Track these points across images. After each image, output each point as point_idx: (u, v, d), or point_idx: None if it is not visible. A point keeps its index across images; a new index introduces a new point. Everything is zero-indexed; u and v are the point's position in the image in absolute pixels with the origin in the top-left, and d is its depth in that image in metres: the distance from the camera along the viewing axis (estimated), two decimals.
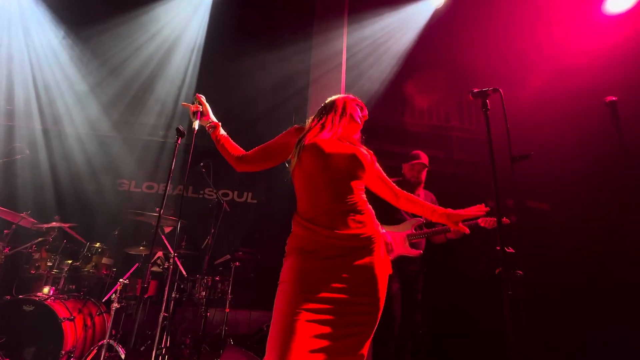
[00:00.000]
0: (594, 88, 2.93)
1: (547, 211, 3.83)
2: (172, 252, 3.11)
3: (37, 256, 2.92)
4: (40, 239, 2.96)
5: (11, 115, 4.34)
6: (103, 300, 3.06)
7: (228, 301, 3.23)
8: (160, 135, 4.72)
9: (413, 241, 2.38)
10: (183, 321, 3.43)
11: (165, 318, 2.90)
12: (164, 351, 2.77)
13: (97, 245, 3.11)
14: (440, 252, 2.98)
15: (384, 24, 4.65)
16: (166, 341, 2.93)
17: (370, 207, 1.47)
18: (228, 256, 3.43)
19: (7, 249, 2.81)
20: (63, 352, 2.48)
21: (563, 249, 3.46)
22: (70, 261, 3.00)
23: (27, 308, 2.54)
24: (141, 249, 3.19)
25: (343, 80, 4.17)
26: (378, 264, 1.38)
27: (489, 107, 1.64)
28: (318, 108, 1.67)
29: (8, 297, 2.60)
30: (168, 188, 2.27)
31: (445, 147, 5.19)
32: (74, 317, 2.66)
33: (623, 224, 3.00)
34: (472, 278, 3.85)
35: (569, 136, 3.54)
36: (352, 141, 1.56)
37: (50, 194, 4.17)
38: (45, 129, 4.41)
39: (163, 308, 2.94)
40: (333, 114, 1.55)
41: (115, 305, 2.65)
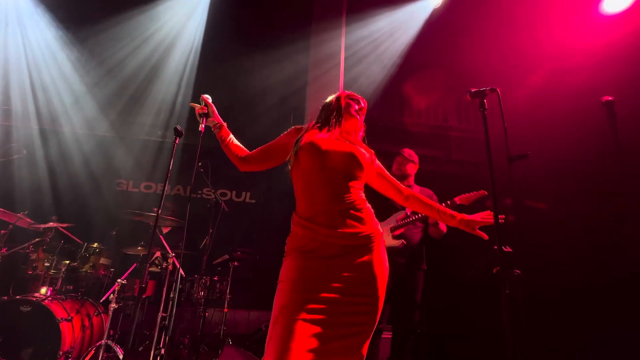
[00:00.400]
0: (591, 88, 2.94)
1: (545, 210, 3.85)
2: (171, 253, 3.11)
3: (35, 256, 2.90)
4: (37, 239, 2.95)
5: (8, 115, 4.32)
6: (101, 300, 3.05)
7: (226, 301, 3.22)
8: (158, 135, 4.71)
9: (395, 232, 2.41)
10: (181, 321, 3.43)
11: (163, 318, 2.90)
12: (162, 351, 2.76)
13: (95, 245, 3.10)
14: (440, 252, 2.99)
15: (382, 24, 4.66)
16: (164, 341, 2.93)
17: (369, 206, 1.47)
18: (226, 256, 3.42)
19: (4, 250, 2.79)
20: (61, 353, 2.47)
21: (561, 248, 3.47)
22: (67, 261, 2.98)
23: (25, 309, 2.52)
24: (139, 249, 3.18)
25: (341, 79, 4.17)
26: (377, 263, 1.38)
27: (487, 107, 1.64)
28: (316, 108, 1.67)
29: (5, 298, 2.59)
30: (166, 188, 2.27)
31: (443, 147, 5.20)
32: (72, 318, 2.65)
33: (621, 223, 3.02)
34: (472, 278, 3.86)
35: (567, 135, 3.56)
36: (352, 139, 1.56)
37: (47, 194, 4.15)
38: (42, 129, 4.39)
39: (161, 308, 2.94)
40: (329, 114, 1.56)
41: (113, 305, 2.64)
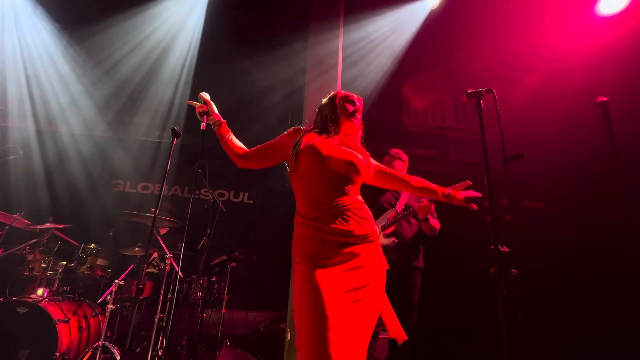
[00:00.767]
0: (587, 88, 2.97)
1: (542, 210, 3.87)
2: (168, 253, 3.10)
3: (31, 257, 2.89)
4: (34, 240, 2.94)
5: (4, 115, 4.29)
6: (98, 301, 3.04)
7: (224, 302, 3.22)
8: (155, 135, 4.70)
9: (386, 231, 2.41)
10: (179, 322, 3.42)
11: (161, 319, 2.89)
12: (160, 352, 2.76)
13: (92, 246, 3.09)
14: (438, 251, 3.00)
15: (380, 25, 4.67)
16: (162, 342, 2.92)
17: (367, 208, 1.50)
18: (224, 257, 3.42)
19: (0, 251, 2.78)
20: (57, 355, 2.46)
21: (558, 248, 3.49)
22: (64, 262, 2.97)
23: (21, 310, 2.51)
24: (136, 250, 3.17)
25: (339, 80, 4.18)
26: (377, 261, 1.42)
27: (483, 108, 1.65)
28: (315, 108, 1.68)
29: (1, 299, 2.58)
30: (163, 188, 2.27)
31: (441, 147, 5.22)
32: (69, 319, 2.64)
33: (617, 223, 3.04)
34: (470, 276, 3.87)
35: (563, 136, 3.58)
36: (351, 142, 1.57)
37: (44, 195, 4.13)
38: (39, 130, 4.37)
39: (159, 309, 2.93)
40: (326, 119, 1.57)
41: (110, 306, 2.64)
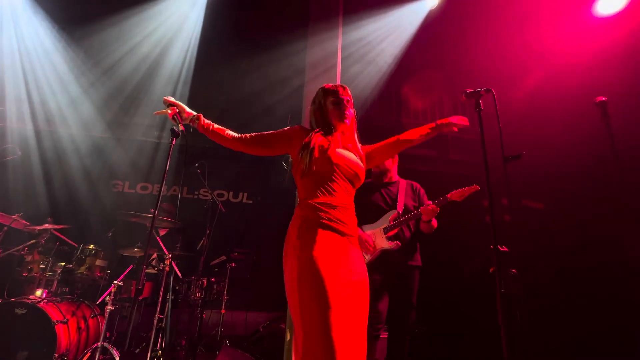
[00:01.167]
0: (586, 88, 2.97)
1: (541, 210, 3.87)
2: (168, 254, 3.09)
3: (30, 258, 2.88)
4: (32, 241, 2.93)
5: (2, 116, 4.28)
6: (97, 302, 3.03)
7: (224, 302, 3.21)
8: (154, 135, 4.70)
9: (389, 234, 2.37)
10: (179, 323, 3.41)
11: (160, 320, 2.89)
12: (159, 353, 2.75)
13: (91, 247, 3.08)
14: (436, 250, 3.00)
15: (379, 25, 4.67)
16: (161, 343, 2.92)
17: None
18: (224, 257, 3.41)
19: None
20: (56, 356, 2.46)
21: (557, 247, 3.50)
22: (63, 263, 2.97)
23: (20, 311, 2.50)
24: (135, 251, 3.17)
25: (338, 80, 4.18)
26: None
27: (482, 108, 1.66)
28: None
29: (0, 300, 2.57)
30: (162, 189, 2.26)
31: (440, 147, 5.22)
32: (67, 320, 2.64)
33: (616, 222, 3.05)
34: (469, 276, 3.88)
35: (562, 136, 3.59)
36: (350, 143, 1.62)
37: (42, 196, 4.13)
38: (37, 130, 4.36)
39: (158, 310, 2.92)
40: (322, 122, 1.61)
41: (109, 307, 2.63)
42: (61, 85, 4.45)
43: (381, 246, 2.34)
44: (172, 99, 1.68)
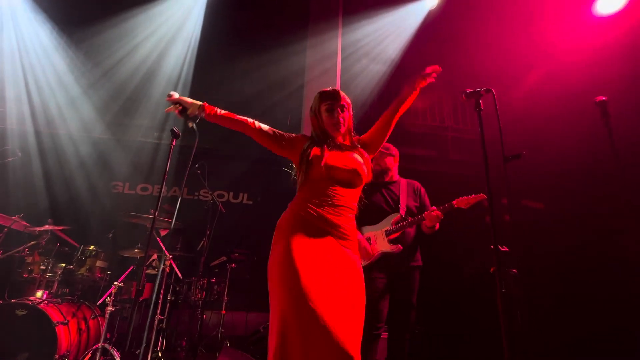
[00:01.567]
0: (585, 87, 2.97)
1: (541, 210, 3.87)
2: (168, 255, 3.09)
3: (30, 260, 2.88)
4: (32, 243, 2.93)
5: (2, 117, 4.28)
6: (97, 303, 3.03)
7: (224, 303, 3.21)
8: (154, 136, 4.69)
9: (391, 237, 2.34)
10: (179, 324, 3.41)
11: (160, 321, 2.89)
12: (160, 354, 2.75)
13: (91, 248, 3.08)
14: (436, 250, 2.99)
15: (379, 25, 4.68)
16: (162, 344, 2.92)
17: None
18: (224, 258, 3.42)
19: None
20: (57, 357, 2.45)
21: (557, 247, 3.50)
22: (63, 264, 2.96)
23: (20, 312, 2.50)
24: (136, 252, 3.16)
25: (338, 81, 4.19)
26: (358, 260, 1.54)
27: (482, 108, 1.66)
28: None
29: (0, 302, 2.57)
30: (163, 190, 2.26)
31: (440, 147, 5.22)
32: (68, 321, 2.63)
33: (617, 222, 3.04)
34: (469, 276, 3.87)
35: (562, 135, 3.59)
36: (347, 144, 1.64)
37: (43, 197, 4.12)
38: (37, 131, 4.36)
39: (158, 311, 2.92)
40: (319, 132, 1.63)
41: (109, 308, 2.63)
42: (61, 86, 4.45)
43: (382, 249, 2.32)
44: (176, 95, 1.66)
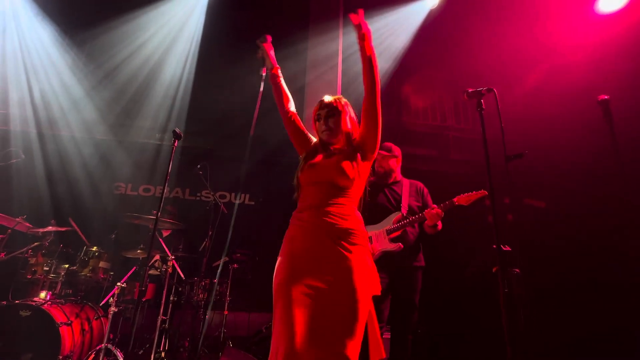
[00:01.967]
0: (588, 86, 2.96)
1: (544, 209, 3.86)
2: (170, 255, 3.11)
3: (34, 261, 2.90)
4: (36, 244, 2.94)
5: (6, 119, 4.31)
6: (100, 304, 3.05)
7: (226, 303, 3.22)
8: (156, 137, 4.71)
9: (392, 235, 2.35)
10: (182, 324, 3.42)
11: (163, 321, 2.90)
12: (163, 354, 2.76)
13: (94, 249, 3.09)
14: (439, 250, 2.99)
15: (380, 25, 4.67)
16: (164, 344, 2.93)
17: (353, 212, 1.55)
18: (226, 258, 3.42)
19: (3, 254, 2.79)
20: (61, 357, 2.47)
21: (560, 247, 3.48)
22: (66, 265, 2.98)
23: (24, 313, 2.52)
24: (139, 252, 3.18)
25: (339, 81, 4.19)
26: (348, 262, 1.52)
27: (484, 107, 1.65)
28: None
29: (4, 303, 2.58)
30: (165, 191, 2.27)
31: (442, 147, 5.22)
32: (71, 322, 2.65)
33: (619, 221, 3.03)
34: (471, 275, 3.86)
35: (564, 134, 3.57)
36: (336, 146, 1.65)
37: (46, 198, 4.14)
38: (40, 133, 4.38)
39: (161, 311, 2.94)
40: (318, 143, 1.70)
41: (113, 309, 2.64)
42: (64, 88, 4.47)
43: (383, 248, 2.33)
44: (266, 42, 1.79)
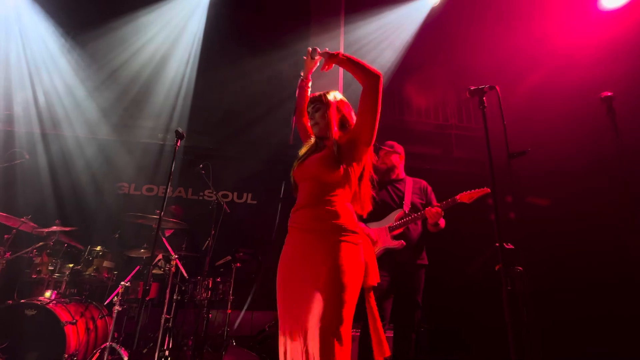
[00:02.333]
0: (591, 83, 2.94)
1: (547, 207, 3.84)
2: (174, 255, 3.12)
3: (38, 260, 2.92)
4: (41, 244, 2.97)
5: (10, 120, 4.34)
6: (105, 303, 3.07)
7: (229, 302, 3.23)
8: (159, 137, 4.73)
9: (394, 232, 2.34)
10: (185, 323, 3.44)
11: (167, 320, 2.91)
12: (167, 353, 2.78)
13: (98, 248, 3.11)
14: (442, 248, 2.98)
15: (381, 23, 4.66)
16: (168, 343, 2.94)
17: (346, 207, 1.53)
18: (229, 257, 3.44)
19: (8, 254, 2.81)
20: (66, 356, 2.49)
21: (563, 245, 3.47)
22: (71, 265, 3.00)
23: (29, 312, 2.54)
24: (142, 252, 3.19)
25: (340, 80, 4.18)
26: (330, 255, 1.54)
27: (486, 105, 1.65)
28: None
29: (10, 302, 2.61)
30: (168, 190, 2.28)
31: (444, 145, 5.20)
32: (76, 321, 2.67)
33: (623, 219, 3.01)
34: (474, 273, 3.86)
35: (567, 132, 3.56)
36: (325, 142, 1.62)
37: (50, 198, 4.17)
38: (44, 134, 4.42)
39: (165, 310, 2.95)
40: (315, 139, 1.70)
41: (117, 308, 2.66)
42: (67, 89, 4.50)
43: (385, 245, 2.33)
44: (314, 52, 1.79)
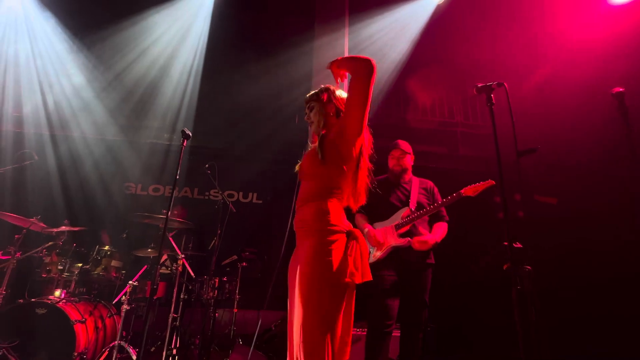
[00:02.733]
0: (601, 79, 2.89)
1: (555, 205, 3.79)
2: (180, 254, 3.15)
3: (48, 260, 2.96)
4: (50, 243, 3.01)
5: (19, 121, 4.41)
6: (113, 302, 3.10)
7: (236, 301, 3.25)
8: (165, 138, 4.76)
9: (401, 230, 2.34)
10: (192, 322, 3.46)
11: (174, 319, 2.94)
12: (174, 352, 2.80)
13: (106, 248, 3.15)
14: (449, 247, 2.96)
15: (386, 23, 4.64)
16: (176, 342, 2.96)
17: (326, 204, 1.50)
18: (235, 257, 3.45)
19: (19, 254, 2.85)
20: (75, 354, 2.52)
21: (572, 243, 3.42)
22: (80, 264, 3.04)
23: (40, 311, 2.58)
24: (149, 251, 3.22)
25: (345, 80, 4.16)
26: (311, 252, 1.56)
27: (494, 102, 1.63)
28: None
29: (21, 301, 2.65)
30: (174, 190, 2.30)
31: (450, 143, 5.16)
32: (86, 320, 2.70)
33: (633, 216, 2.96)
34: (482, 272, 3.83)
35: (577, 129, 3.50)
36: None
37: (59, 199, 4.23)
38: (53, 135, 4.48)
39: (172, 309, 2.97)
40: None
41: (125, 307, 2.69)
42: (75, 90, 4.56)
43: (392, 243, 2.33)
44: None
